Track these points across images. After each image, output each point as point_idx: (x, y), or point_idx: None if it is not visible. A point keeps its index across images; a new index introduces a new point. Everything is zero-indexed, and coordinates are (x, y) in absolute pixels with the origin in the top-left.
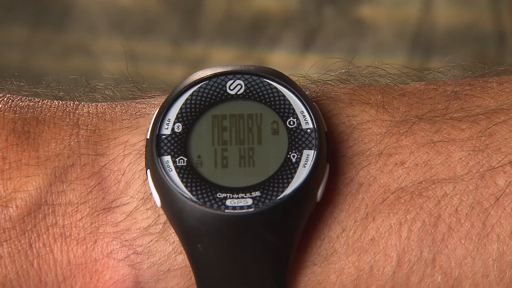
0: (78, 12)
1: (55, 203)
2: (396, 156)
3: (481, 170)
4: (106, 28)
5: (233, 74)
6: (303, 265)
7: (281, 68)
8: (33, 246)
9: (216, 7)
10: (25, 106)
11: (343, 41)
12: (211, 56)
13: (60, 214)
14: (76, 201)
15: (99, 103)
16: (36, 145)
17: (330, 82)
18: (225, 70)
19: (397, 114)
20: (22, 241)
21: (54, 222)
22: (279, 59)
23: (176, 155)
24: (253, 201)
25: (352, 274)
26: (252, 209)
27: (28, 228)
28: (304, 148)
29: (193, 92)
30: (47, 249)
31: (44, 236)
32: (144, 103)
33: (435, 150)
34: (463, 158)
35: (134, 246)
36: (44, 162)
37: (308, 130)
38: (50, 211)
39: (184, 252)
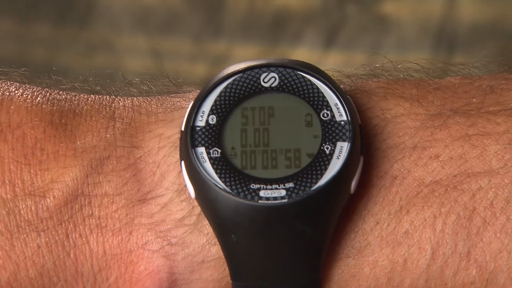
0: (101, 9)
1: (91, 194)
2: (431, 149)
3: None
4: (129, 25)
5: (267, 67)
6: (337, 257)
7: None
8: (70, 236)
9: (238, 3)
10: (63, 99)
11: (365, 38)
12: (233, 53)
13: (96, 205)
14: (111, 193)
15: (135, 97)
16: (73, 137)
17: (363, 76)
18: (259, 63)
19: (431, 108)
20: (59, 231)
21: (90, 213)
22: (301, 56)
23: (210, 147)
24: (286, 192)
25: (386, 267)
26: (286, 200)
27: (65, 219)
28: (337, 140)
29: (227, 84)
30: (83, 239)
31: (80, 226)
32: (179, 97)
33: (470, 143)
34: (499, 152)
35: (168, 237)
36: (81, 154)
37: (342, 122)
38: (86, 202)
39: (218, 243)
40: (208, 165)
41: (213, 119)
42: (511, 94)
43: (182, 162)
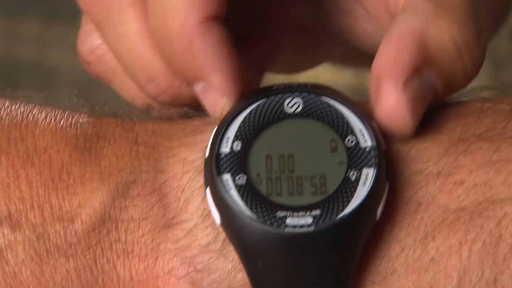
0: None
1: (118, 218)
2: (455, 175)
3: None
4: None
5: (291, 92)
6: (362, 284)
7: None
8: (98, 261)
9: None
10: (86, 123)
11: None
12: None
13: (122, 230)
14: (138, 217)
15: (156, 122)
16: (98, 161)
17: None
18: (283, 88)
19: (454, 134)
20: (87, 256)
21: (117, 238)
22: None
23: (235, 173)
24: (313, 219)
25: None
26: (313, 228)
27: (93, 244)
28: (363, 167)
29: (251, 110)
30: (111, 265)
31: (108, 252)
32: (200, 120)
33: (495, 169)
34: None
35: (194, 263)
36: (107, 177)
37: (367, 149)
38: (113, 227)
39: (243, 269)
40: (234, 192)
41: (238, 145)
42: None
43: (207, 188)
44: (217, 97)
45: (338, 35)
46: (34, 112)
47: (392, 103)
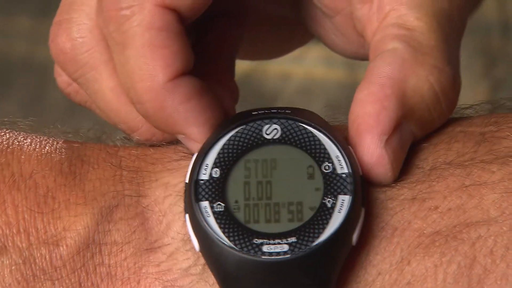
0: None
1: (101, 242)
2: (430, 201)
3: None
4: None
5: (270, 118)
6: None
7: (283, 59)
8: (83, 285)
9: None
10: (69, 148)
11: None
12: None
13: (106, 253)
14: (120, 241)
15: (139, 146)
16: (83, 185)
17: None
18: (262, 114)
19: (426, 164)
20: (73, 279)
21: (101, 261)
22: None
23: (214, 201)
24: (289, 247)
25: None
26: (289, 255)
27: (78, 267)
28: (339, 193)
29: (230, 137)
30: None
31: (92, 275)
32: (183, 146)
33: (468, 193)
34: (496, 201)
35: (175, 287)
36: (91, 202)
37: (343, 175)
38: (97, 250)
39: None
40: (211, 220)
41: (216, 172)
42: (503, 142)
43: (187, 215)
44: (197, 145)
45: (317, 38)
46: (19, 138)
47: (374, 158)
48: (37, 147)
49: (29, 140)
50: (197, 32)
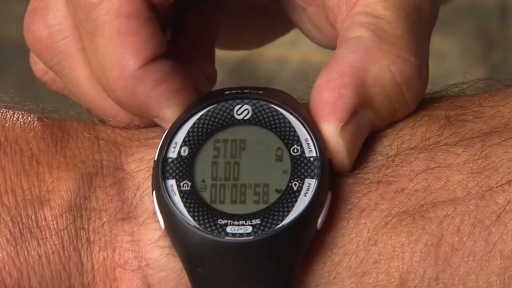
0: None
1: (82, 207)
2: (396, 184)
3: (480, 191)
4: None
5: (241, 99)
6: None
7: (280, 43)
8: (65, 248)
9: None
10: (50, 119)
11: None
12: None
13: (86, 219)
14: (98, 208)
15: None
16: (64, 152)
17: None
18: (234, 94)
19: (390, 150)
20: (56, 241)
21: (81, 226)
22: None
23: (181, 179)
24: (253, 228)
25: None
26: (252, 237)
27: (61, 229)
28: (306, 177)
29: (201, 116)
30: (76, 252)
31: (74, 239)
32: (160, 128)
33: (434, 176)
34: (462, 181)
35: (146, 258)
36: (72, 168)
37: (311, 159)
38: (78, 215)
39: None
40: (177, 198)
41: (185, 151)
42: (467, 124)
43: (154, 192)
44: (169, 124)
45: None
46: (2, 110)
47: (331, 145)
48: (20, 117)
49: (11, 112)
50: (176, 20)
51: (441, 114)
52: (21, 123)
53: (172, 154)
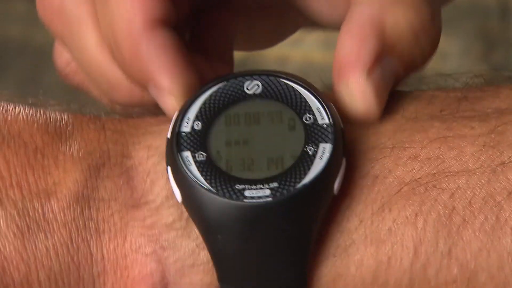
0: None
1: (90, 197)
2: (409, 150)
3: (492, 165)
4: None
5: (250, 75)
6: (323, 257)
7: (281, 43)
8: (73, 239)
9: None
10: (53, 114)
11: None
12: None
13: (94, 209)
14: (107, 198)
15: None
16: (69, 145)
17: None
18: (242, 72)
19: (407, 113)
20: (64, 234)
21: (89, 217)
22: None
23: (195, 151)
24: (271, 191)
25: (371, 265)
26: (270, 199)
27: (68, 221)
28: (320, 142)
29: (211, 92)
30: (85, 243)
31: (82, 230)
32: (165, 116)
33: (447, 145)
34: (475, 153)
35: (160, 241)
36: (79, 160)
37: (324, 125)
38: (86, 206)
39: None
40: (193, 168)
41: (198, 125)
42: (484, 103)
43: (168, 167)
44: (167, 97)
45: (301, 11)
46: (2, 104)
47: (359, 93)
48: (22, 110)
49: (13, 105)
50: (192, 29)
51: (458, 95)
52: (24, 116)
53: (186, 128)
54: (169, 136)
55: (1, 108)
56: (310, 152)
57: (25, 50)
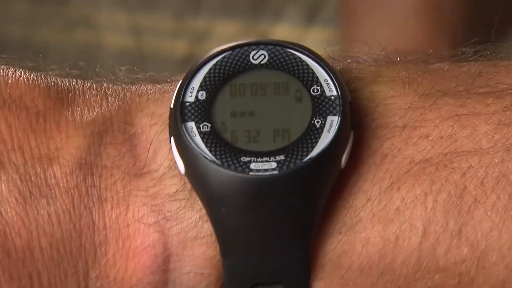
0: None
1: (93, 164)
2: (421, 129)
3: (506, 143)
4: (109, 1)
5: (257, 44)
6: (328, 233)
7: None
8: (76, 206)
9: None
10: (55, 79)
11: None
12: (214, 29)
13: (97, 176)
14: (110, 165)
15: (124, 83)
16: (71, 110)
17: (353, 59)
18: (248, 41)
19: (420, 89)
20: (66, 200)
21: (92, 184)
22: (283, 32)
23: (200, 121)
24: (277, 164)
25: (378, 243)
26: (277, 172)
27: (71, 187)
28: (328, 114)
29: (216, 62)
30: (87, 211)
31: (85, 197)
32: (167, 83)
33: (460, 123)
34: (489, 132)
35: (163, 212)
36: (81, 125)
37: (332, 97)
38: (89, 172)
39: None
40: (198, 139)
41: (202, 95)
42: (500, 78)
43: (172, 138)
44: None
45: None
46: (2, 67)
47: None
48: (23, 74)
49: (13, 69)
50: None
51: (473, 68)
52: (25, 79)
53: (190, 98)
54: (172, 106)
55: (2, 71)
56: (318, 125)
57: (25, 50)
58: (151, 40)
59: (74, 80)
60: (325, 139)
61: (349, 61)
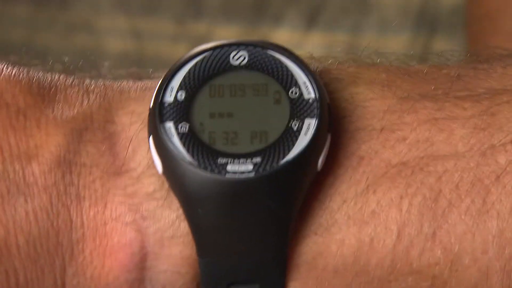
0: None
1: (72, 162)
2: (398, 132)
3: (482, 148)
4: (110, 5)
5: (237, 45)
6: (304, 234)
7: (285, 45)
8: (53, 204)
9: None
10: (37, 74)
11: (347, 19)
12: (214, 33)
13: (76, 174)
14: (89, 163)
15: (106, 79)
16: (52, 107)
17: (334, 60)
18: (228, 42)
19: (399, 92)
20: (44, 198)
21: (70, 182)
22: (283, 36)
23: (178, 122)
24: (253, 166)
25: (353, 245)
26: (253, 174)
27: (49, 185)
28: (305, 117)
29: (196, 62)
30: (65, 209)
31: (63, 195)
32: (150, 80)
33: (437, 127)
34: (465, 136)
35: (141, 211)
36: (61, 123)
37: (310, 100)
38: (67, 170)
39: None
40: (176, 140)
41: (181, 95)
42: (479, 82)
43: (150, 137)
44: None
45: None
46: None
47: None
48: (5, 69)
49: None
50: None
51: (452, 71)
52: (6, 75)
53: (169, 98)
54: (151, 105)
55: None
56: (295, 128)
57: (26, 54)
58: (152, 44)
59: (56, 75)
60: (302, 142)
61: (330, 61)
